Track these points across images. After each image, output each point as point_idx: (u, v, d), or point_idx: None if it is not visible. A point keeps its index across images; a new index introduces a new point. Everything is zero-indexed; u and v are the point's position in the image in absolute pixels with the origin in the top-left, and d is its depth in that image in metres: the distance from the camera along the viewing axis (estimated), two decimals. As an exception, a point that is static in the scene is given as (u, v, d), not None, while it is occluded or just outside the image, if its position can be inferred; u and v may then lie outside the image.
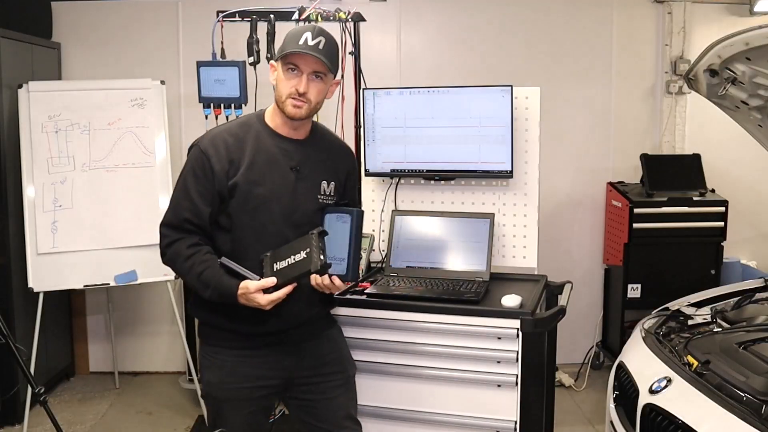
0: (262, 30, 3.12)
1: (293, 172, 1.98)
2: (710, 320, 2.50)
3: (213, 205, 1.92)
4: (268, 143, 1.97)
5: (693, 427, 1.87)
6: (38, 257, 3.49)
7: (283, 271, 1.86)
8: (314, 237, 1.85)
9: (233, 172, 1.91)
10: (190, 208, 1.91)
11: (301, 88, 1.91)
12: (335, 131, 3.25)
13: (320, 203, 2.02)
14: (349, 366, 2.17)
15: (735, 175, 4.26)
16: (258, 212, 1.92)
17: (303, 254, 1.86)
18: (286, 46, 1.92)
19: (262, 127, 2.00)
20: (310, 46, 1.89)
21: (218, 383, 2.00)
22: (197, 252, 1.90)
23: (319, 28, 1.95)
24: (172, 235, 1.93)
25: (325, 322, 2.15)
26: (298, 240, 1.90)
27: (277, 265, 1.88)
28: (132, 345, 4.34)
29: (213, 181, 1.90)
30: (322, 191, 2.03)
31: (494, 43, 4.23)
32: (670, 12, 4.21)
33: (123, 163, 3.62)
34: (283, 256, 1.89)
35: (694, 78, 2.70)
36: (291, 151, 1.99)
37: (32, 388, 2.63)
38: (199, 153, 1.93)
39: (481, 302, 2.36)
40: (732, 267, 4.09)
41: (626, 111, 4.32)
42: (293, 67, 1.92)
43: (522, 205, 2.82)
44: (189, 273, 1.90)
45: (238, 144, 1.94)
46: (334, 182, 2.06)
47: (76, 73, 4.19)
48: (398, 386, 2.39)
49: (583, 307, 4.28)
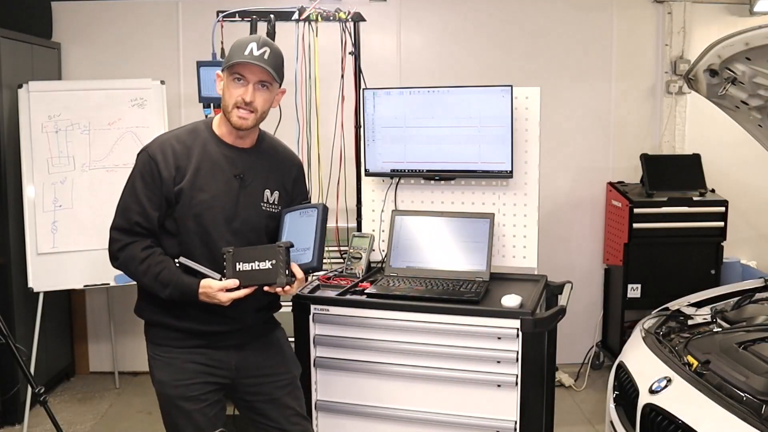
0: (262, 30, 3.12)
1: (237, 180, 2.02)
2: (710, 320, 2.50)
3: (160, 209, 1.97)
4: (213, 151, 2.02)
5: (693, 427, 1.87)
6: (38, 257, 3.49)
7: (245, 274, 1.93)
8: (282, 251, 1.91)
9: (179, 178, 1.96)
10: (139, 211, 1.95)
11: (248, 98, 1.96)
12: (335, 131, 3.26)
13: (263, 211, 2.07)
14: (293, 367, 2.22)
15: (735, 175, 4.26)
16: (201, 218, 1.97)
17: (268, 264, 1.92)
18: (232, 56, 1.96)
19: (210, 135, 2.04)
20: (256, 56, 1.94)
21: (169, 381, 2.03)
22: (152, 254, 1.96)
23: (264, 38, 2.00)
24: (123, 239, 1.97)
25: (270, 325, 2.20)
26: (265, 247, 1.96)
27: (239, 265, 1.94)
28: (132, 345, 4.33)
29: (160, 186, 1.96)
30: (265, 199, 2.07)
31: (494, 43, 4.23)
32: (670, 12, 4.21)
33: (123, 163, 3.61)
34: (246, 258, 1.94)
35: (694, 78, 2.70)
36: (236, 159, 2.04)
37: (32, 388, 2.63)
38: (147, 158, 1.98)
39: (481, 302, 2.37)
40: (732, 267, 4.08)
41: (626, 111, 4.32)
42: (239, 77, 1.96)
43: (522, 205, 2.82)
44: (145, 275, 1.95)
45: (185, 151, 1.99)
46: (278, 191, 2.10)
47: (76, 73, 4.19)
48: (398, 386, 2.40)
49: (583, 307, 4.28)
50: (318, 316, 2.46)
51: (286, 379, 2.17)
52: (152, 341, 2.08)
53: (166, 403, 2.06)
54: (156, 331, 2.07)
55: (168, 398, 2.04)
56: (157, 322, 2.06)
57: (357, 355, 2.40)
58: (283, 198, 2.12)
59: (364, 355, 2.40)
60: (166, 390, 2.04)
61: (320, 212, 2.02)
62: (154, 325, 2.07)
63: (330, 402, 2.48)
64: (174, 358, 2.03)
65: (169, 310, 2.00)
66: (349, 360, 2.44)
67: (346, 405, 2.46)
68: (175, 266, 1.96)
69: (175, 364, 2.03)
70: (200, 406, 2.03)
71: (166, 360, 2.04)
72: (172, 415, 2.05)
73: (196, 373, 2.03)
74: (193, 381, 2.03)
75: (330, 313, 2.44)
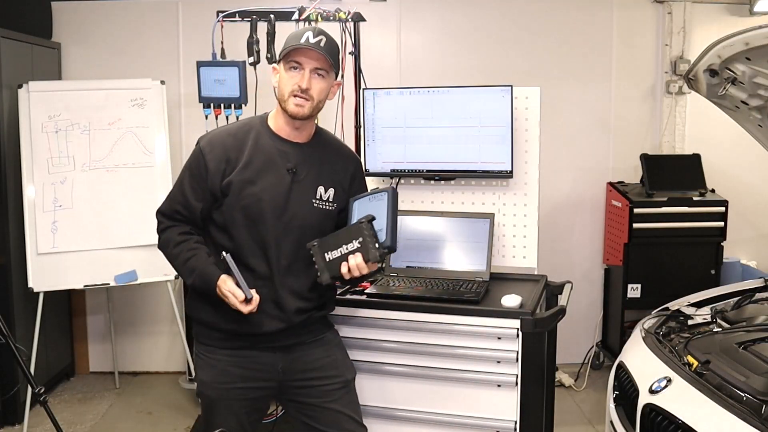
0: (262, 30, 3.12)
1: (289, 174, 1.99)
2: (710, 320, 2.50)
3: (205, 200, 1.98)
4: (267, 144, 2.00)
5: (693, 427, 1.87)
6: (38, 257, 3.49)
7: (336, 262, 1.91)
8: (365, 225, 1.89)
9: (229, 170, 1.96)
10: (181, 201, 1.99)
11: (304, 84, 1.93)
12: (335, 131, 3.26)
13: (314, 208, 2.02)
14: (346, 370, 2.16)
15: (735, 175, 4.26)
16: (249, 209, 1.95)
17: (356, 244, 1.90)
18: (288, 44, 1.96)
19: (264, 129, 2.03)
20: (312, 43, 1.93)
21: (211, 382, 2.02)
22: (187, 240, 1.98)
23: (319, 28, 1.99)
24: (165, 222, 2.03)
25: (320, 326, 2.15)
26: (346, 229, 1.94)
27: (328, 255, 1.92)
28: (132, 345, 4.34)
29: (206, 178, 1.96)
30: (318, 196, 2.03)
31: (494, 43, 4.23)
32: (670, 12, 4.21)
33: (123, 163, 3.62)
34: (332, 246, 1.92)
35: (694, 78, 2.70)
36: (289, 153, 2.01)
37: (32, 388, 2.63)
38: (198, 151, 2.00)
39: (481, 302, 2.36)
40: (732, 267, 4.08)
41: (626, 111, 4.32)
42: (296, 64, 1.94)
43: (522, 205, 2.82)
44: (177, 258, 1.98)
45: (237, 144, 1.98)
46: (333, 189, 2.06)
47: (76, 73, 4.19)
48: (398, 386, 2.39)
49: (583, 307, 4.28)
50: (321, 317, 2.46)
51: (338, 382, 2.10)
52: (198, 340, 2.08)
53: (205, 402, 2.06)
54: (202, 330, 2.06)
55: (208, 399, 2.04)
56: (203, 321, 2.04)
57: (357, 355, 2.40)
58: (339, 196, 2.06)
59: (364, 355, 2.40)
60: (206, 390, 2.04)
61: (390, 195, 1.99)
62: (200, 323, 2.06)
63: (330, 402, 2.47)
64: (218, 360, 2.02)
65: (215, 310, 1.97)
66: (349, 360, 2.44)
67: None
68: (206, 255, 1.95)
69: (218, 366, 2.01)
70: (238, 412, 2.02)
71: (209, 361, 2.03)
72: (209, 414, 2.05)
73: (239, 378, 2.01)
74: (234, 386, 2.01)
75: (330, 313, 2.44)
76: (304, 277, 2.02)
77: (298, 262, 2.00)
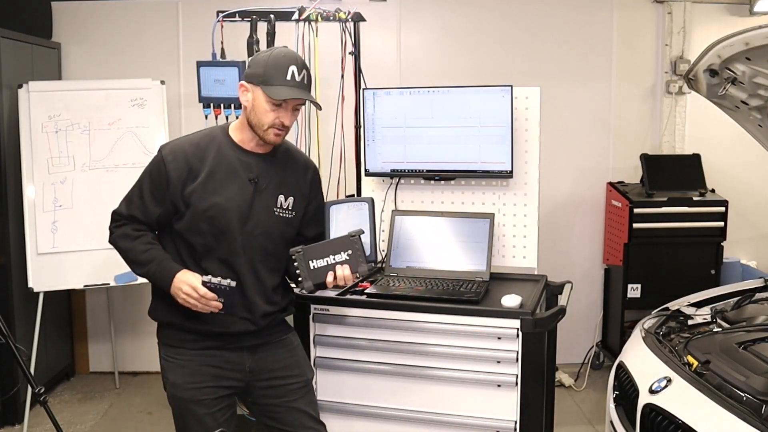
0: (262, 30, 3.12)
1: (251, 184, 2.03)
2: (710, 320, 2.50)
3: (164, 206, 2.00)
4: (229, 155, 2.04)
5: (693, 427, 1.87)
6: (38, 257, 3.49)
7: (320, 271, 1.95)
8: (356, 239, 1.94)
9: (191, 180, 1.99)
10: (139, 206, 2.02)
11: (287, 122, 1.99)
12: (335, 131, 3.27)
13: (276, 216, 2.07)
14: (307, 371, 2.23)
15: (735, 175, 4.26)
16: (215, 220, 1.99)
17: (344, 256, 1.94)
18: (272, 79, 1.95)
19: (225, 140, 2.06)
20: (298, 82, 1.96)
21: (182, 383, 2.04)
22: (144, 234, 2.02)
23: (301, 60, 2.00)
24: (120, 220, 2.05)
25: (283, 328, 2.21)
26: (336, 240, 1.98)
27: (313, 263, 1.96)
28: (132, 345, 4.34)
29: (167, 187, 1.99)
30: (279, 204, 2.08)
31: (494, 43, 4.23)
32: (670, 12, 4.21)
33: (123, 163, 3.62)
34: (319, 254, 1.96)
35: (694, 78, 2.70)
36: (251, 164, 2.05)
37: (32, 388, 2.63)
38: (159, 159, 2.02)
39: (481, 302, 2.36)
40: (732, 267, 4.08)
41: (626, 111, 4.32)
42: (280, 102, 1.96)
43: (522, 205, 2.82)
44: (133, 250, 2.00)
45: (199, 154, 2.01)
46: (293, 197, 2.11)
47: (76, 73, 4.19)
48: (398, 386, 2.40)
49: (583, 307, 4.28)
50: (318, 316, 2.46)
51: (300, 382, 2.16)
52: (165, 343, 2.09)
53: (177, 405, 2.06)
54: (169, 333, 2.08)
55: (180, 401, 2.05)
56: (170, 324, 2.06)
57: (357, 355, 2.40)
58: (299, 203, 2.12)
59: (364, 355, 2.40)
60: (178, 392, 2.05)
61: (371, 205, 2.07)
62: (167, 326, 2.08)
63: (330, 402, 2.48)
64: (188, 360, 2.04)
65: (184, 312, 1.99)
66: (349, 360, 2.44)
67: (345, 405, 2.46)
68: (163, 251, 2.00)
69: (188, 366, 2.04)
70: (211, 411, 2.04)
71: (179, 362, 2.05)
72: (182, 417, 2.06)
73: (209, 377, 2.04)
74: (206, 385, 2.03)
75: (330, 312, 2.44)
76: (269, 281, 2.08)
77: (264, 269, 2.06)
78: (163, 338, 2.10)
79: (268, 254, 2.06)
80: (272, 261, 2.08)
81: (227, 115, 3.16)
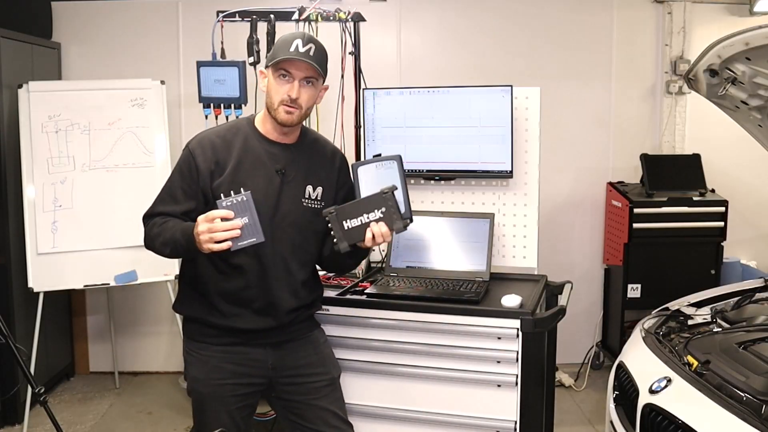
0: (262, 30, 3.12)
1: (279, 175, 2.03)
2: (710, 320, 2.50)
3: (197, 199, 2.00)
4: (255, 146, 2.03)
5: (693, 427, 1.87)
6: (38, 257, 3.49)
7: (355, 231, 1.92)
8: (389, 196, 1.91)
9: (219, 172, 1.99)
10: (169, 203, 2.01)
11: (294, 94, 1.97)
12: (335, 131, 3.26)
13: (303, 206, 2.06)
14: (332, 368, 2.21)
15: (735, 175, 4.26)
16: None
17: (378, 213, 1.92)
18: (277, 53, 1.97)
19: (251, 131, 2.06)
20: (302, 52, 1.95)
21: (203, 378, 2.04)
22: (169, 219, 1.99)
23: (308, 35, 2.02)
24: (148, 221, 2.05)
25: (309, 324, 2.19)
26: (368, 198, 1.95)
27: (347, 223, 1.93)
28: (132, 345, 4.34)
29: (197, 179, 1.99)
30: (307, 195, 2.07)
31: (494, 43, 4.23)
32: (670, 12, 4.22)
33: (123, 163, 3.62)
34: (352, 214, 1.93)
35: (694, 78, 2.70)
36: (277, 155, 2.04)
37: (32, 388, 2.63)
38: (187, 153, 2.03)
39: (481, 302, 2.36)
40: (732, 267, 4.09)
41: (626, 111, 4.32)
42: (285, 73, 1.97)
43: (522, 205, 2.82)
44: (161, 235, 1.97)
45: (225, 146, 2.02)
46: (321, 187, 2.10)
47: (76, 73, 4.19)
48: (398, 386, 2.39)
49: (583, 307, 4.28)
50: (318, 316, 2.46)
51: (324, 380, 2.15)
52: (189, 337, 2.10)
53: (197, 399, 2.07)
54: (193, 327, 2.08)
55: (199, 395, 2.06)
56: (195, 318, 2.06)
57: (357, 355, 2.40)
58: (327, 193, 2.11)
59: (364, 355, 2.40)
60: (198, 387, 2.06)
61: (399, 163, 2.02)
62: (192, 320, 2.08)
63: (330, 402, 2.47)
64: (210, 356, 2.04)
65: (208, 307, 2.00)
66: (349, 360, 2.43)
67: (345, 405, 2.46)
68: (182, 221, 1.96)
69: (210, 362, 2.04)
70: (229, 408, 2.04)
71: (201, 357, 2.05)
72: (201, 411, 2.07)
73: (230, 374, 2.04)
74: (226, 381, 2.03)
75: (330, 313, 2.44)
76: (299, 275, 2.06)
77: (294, 262, 2.05)
78: (187, 332, 2.11)
79: (296, 246, 2.04)
80: (301, 253, 2.06)
81: (227, 115, 3.16)
